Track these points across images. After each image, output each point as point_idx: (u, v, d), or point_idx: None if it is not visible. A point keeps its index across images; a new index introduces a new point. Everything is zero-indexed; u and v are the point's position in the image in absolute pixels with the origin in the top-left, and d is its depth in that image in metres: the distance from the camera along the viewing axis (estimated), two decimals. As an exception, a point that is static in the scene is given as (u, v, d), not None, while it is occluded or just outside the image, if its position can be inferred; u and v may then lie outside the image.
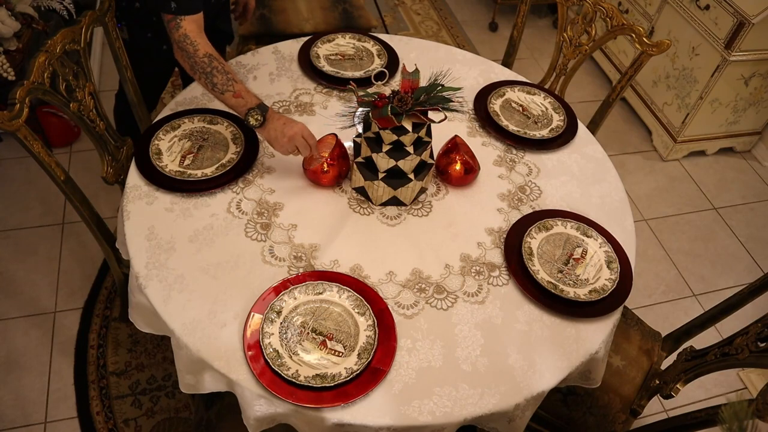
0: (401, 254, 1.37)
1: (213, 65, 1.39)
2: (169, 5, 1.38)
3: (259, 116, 1.39)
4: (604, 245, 1.42)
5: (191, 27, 1.40)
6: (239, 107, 1.41)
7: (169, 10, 1.39)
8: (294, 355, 1.16)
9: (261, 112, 1.39)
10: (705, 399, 2.13)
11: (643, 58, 1.77)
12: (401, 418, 1.11)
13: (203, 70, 1.40)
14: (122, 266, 1.66)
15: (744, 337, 1.30)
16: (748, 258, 2.62)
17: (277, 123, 1.40)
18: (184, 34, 1.40)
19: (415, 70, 1.35)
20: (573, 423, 1.53)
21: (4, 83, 2.09)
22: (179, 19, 1.39)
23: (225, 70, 1.40)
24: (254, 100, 1.40)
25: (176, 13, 1.39)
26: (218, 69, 1.39)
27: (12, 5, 2.15)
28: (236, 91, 1.40)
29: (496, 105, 1.76)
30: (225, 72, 1.40)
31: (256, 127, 1.41)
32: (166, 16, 1.40)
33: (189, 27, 1.40)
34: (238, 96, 1.40)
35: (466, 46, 3.46)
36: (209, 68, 1.39)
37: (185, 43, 1.40)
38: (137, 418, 1.85)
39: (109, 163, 1.58)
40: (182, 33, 1.40)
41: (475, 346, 1.23)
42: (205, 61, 1.39)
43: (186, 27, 1.40)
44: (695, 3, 2.64)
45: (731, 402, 0.87)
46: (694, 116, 2.79)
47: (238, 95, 1.40)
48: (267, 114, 1.40)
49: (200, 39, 1.41)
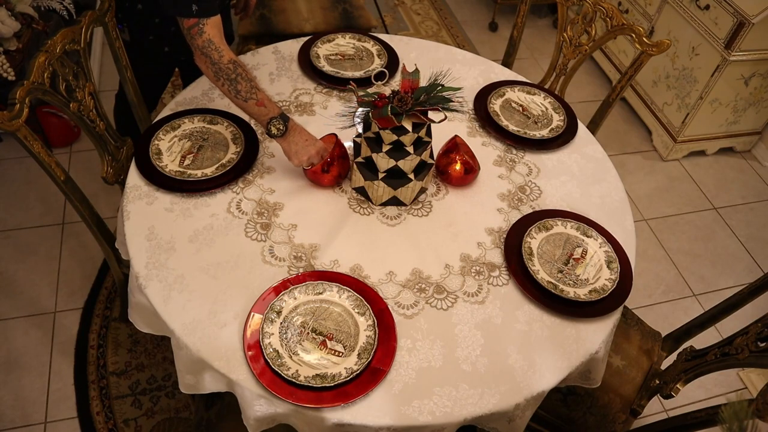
0: (401, 254, 1.37)
1: (238, 72, 1.36)
2: (190, 8, 1.33)
3: (282, 126, 1.38)
4: (604, 245, 1.42)
5: (213, 32, 1.35)
6: (261, 116, 1.38)
7: (190, 13, 1.33)
8: (294, 355, 1.16)
9: (283, 122, 1.38)
10: (705, 399, 2.13)
11: (643, 58, 1.77)
12: (401, 418, 1.11)
13: (228, 76, 1.36)
14: (122, 266, 1.66)
15: (744, 337, 1.30)
16: (748, 258, 2.62)
17: (299, 138, 1.40)
18: (208, 39, 1.35)
19: (415, 70, 1.35)
20: (573, 423, 1.53)
21: (4, 83, 2.09)
22: (202, 24, 1.34)
23: (248, 77, 1.37)
24: (276, 110, 1.38)
25: (198, 16, 1.33)
26: (242, 76, 1.36)
27: (12, 5, 2.15)
28: (259, 100, 1.37)
29: (496, 105, 1.76)
30: (249, 79, 1.37)
31: (277, 137, 1.39)
32: (186, 22, 1.34)
33: (212, 32, 1.35)
34: (260, 104, 1.37)
35: (466, 46, 3.46)
36: (234, 75, 1.35)
37: (209, 49, 1.35)
38: (137, 418, 1.85)
39: (109, 163, 1.58)
40: (206, 38, 1.35)
41: (475, 346, 1.23)
42: (230, 67, 1.35)
43: (209, 32, 1.35)
44: (695, 3, 2.64)
45: (731, 402, 0.87)
46: (694, 116, 2.79)
47: (261, 104, 1.37)
48: (289, 124, 1.39)
49: (223, 45, 1.37)
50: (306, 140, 1.41)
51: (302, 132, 1.41)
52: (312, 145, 1.41)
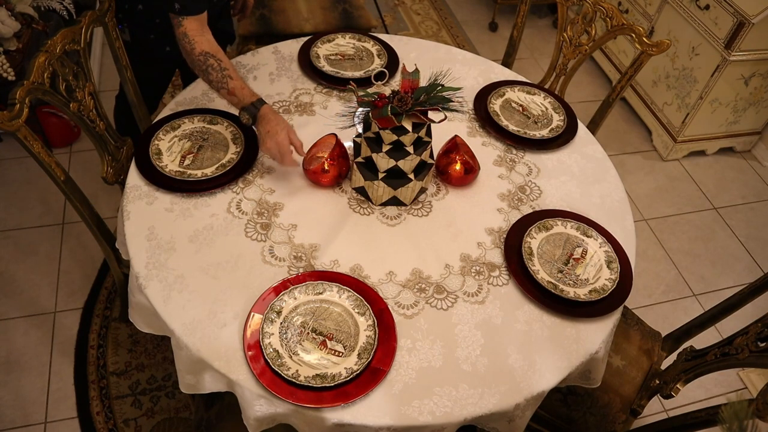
0: (401, 254, 1.37)
1: (208, 63, 1.43)
2: (173, 6, 1.42)
3: (248, 116, 1.43)
4: (604, 245, 1.42)
5: (192, 25, 1.44)
6: (234, 105, 1.46)
7: (173, 10, 1.42)
8: (294, 355, 1.16)
9: (250, 112, 1.42)
10: (705, 399, 2.13)
11: (643, 58, 1.77)
12: (401, 418, 1.11)
13: (199, 67, 1.44)
14: (122, 266, 1.66)
15: (744, 337, 1.30)
16: (748, 258, 2.62)
17: (262, 128, 1.42)
18: (183, 32, 1.44)
19: (415, 70, 1.35)
20: (573, 423, 1.53)
21: (4, 83, 2.09)
22: (181, 17, 1.43)
23: (221, 68, 1.43)
24: (248, 99, 1.43)
25: (179, 14, 1.42)
26: (213, 67, 1.43)
27: (12, 5, 2.15)
28: (230, 89, 1.43)
29: (496, 105, 1.76)
30: (221, 69, 1.43)
31: (250, 125, 1.45)
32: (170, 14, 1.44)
33: (189, 26, 1.44)
34: (231, 94, 1.43)
35: (466, 46, 3.46)
36: (204, 66, 1.43)
37: (184, 41, 1.44)
38: (137, 418, 1.85)
39: (109, 163, 1.58)
40: (182, 31, 1.44)
41: (475, 346, 1.23)
42: (200, 59, 1.43)
43: (186, 25, 1.43)
44: (695, 3, 2.64)
45: (731, 402, 0.87)
46: (694, 116, 2.79)
47: (232, 93, 1.43)
48: (258, 113, 1.42)
49: (199, 37, 1.44)
50: (267, 132, 1.40)
51: (269, 122, 1.41)
52: (270, 138, 1.39)
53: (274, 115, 1.42)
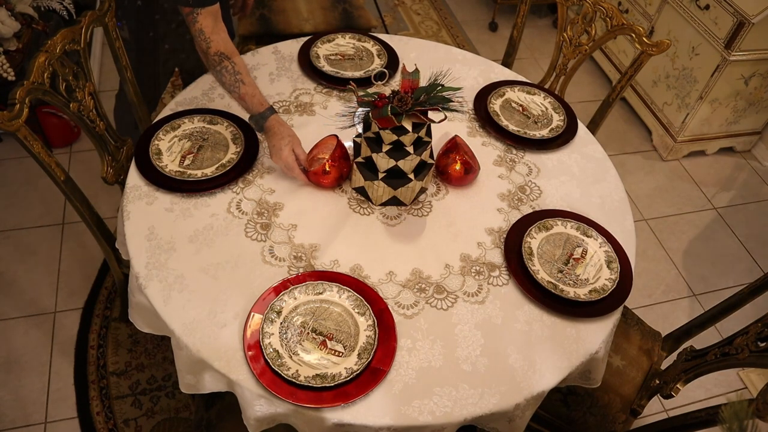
0: (401, 254, 1.37)
1: (222, 64, 1.41)
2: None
3: (256, 126, 1.43)
4: (604, 245, 1.42)
5: (206, 22, 1.41)
6: (244, 110, 1.45)
7: (186, 3, 1.39)
8: (294, 355, 1.16)
9: (257, 123, 1.43)
10: (705, 399, 2.13)
11: (643, 58, 1.77)
12: (401, 418, 1.11)
13: (213, 67, 1.44)
14: (122, 266, 1.66)
15: (744, 337, 1.30)
16: (748, 258, 2.62)
17: (269, 141, 1.43)
18: (199, 29, 1.42)
19: (415, 70, 1.35)
20: (573, 423, 1.53)
21: (4, 83, 2.09)
22: (196, 12, 1.40)
23: (235, 71, 1.42)
24: (256, 108, 1.42)
25: (193, 6, 1.39)
26: (227, 69, 1.41)
27: (12, 5, 2.15)
28: (241, 94, 1.42)
29: (496, 105, 1.76)
30: (235, 72, 1.41)
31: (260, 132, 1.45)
32: (184, 9, 1.41)
33: (204, 22, 1.41)
34: (242, 99, 1.43)
35: (466, 46, 3.46)
36: (219, 67, 1.42)
37: (200, 38, 1.43)
38: (137, 418, 1.85)
39: (109, 163, 1.58)
40: (198, 28, 1.42)
41: (475, 346, 1.23)
42: (215, 59, 1.42)
43: (202, 22, 1.41)
44: (695, 3, 2.64)
45: (731, 402, 0.87)
46: (694, 116, 2.79)
47: (242, 98, 1.42)
48: (266, 125, 1.42)
49: (214, 36, 1.43)
50: (273, 146, 1.42)
51: (274, 135, 1.42)
52: (276, 155, 1.41)
53: (279, 128, 1.42)
